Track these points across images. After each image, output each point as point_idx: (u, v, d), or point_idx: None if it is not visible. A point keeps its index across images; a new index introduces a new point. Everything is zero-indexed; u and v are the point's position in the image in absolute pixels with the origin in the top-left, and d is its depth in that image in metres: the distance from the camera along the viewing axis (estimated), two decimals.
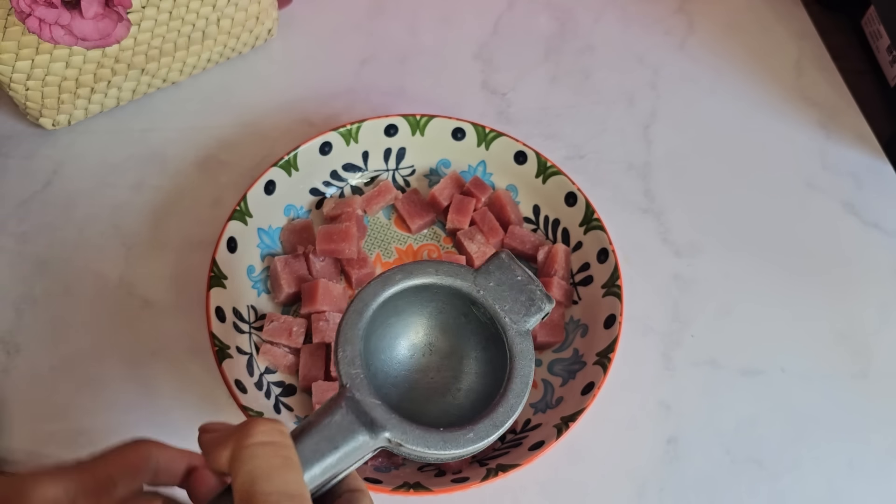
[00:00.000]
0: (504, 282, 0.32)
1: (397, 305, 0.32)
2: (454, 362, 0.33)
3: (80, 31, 0.47)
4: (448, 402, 0.32)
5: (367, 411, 0.28)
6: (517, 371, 0.31)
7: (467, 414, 0.31)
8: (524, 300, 0.32)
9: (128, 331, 0.53)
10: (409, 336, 0.33)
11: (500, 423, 0.30)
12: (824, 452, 0.51)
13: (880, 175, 0.64)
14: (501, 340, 0.32)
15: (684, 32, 0.72)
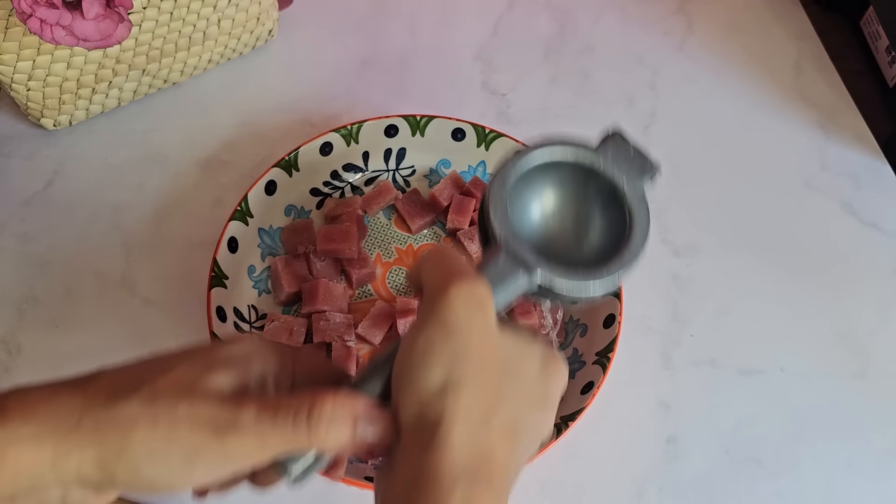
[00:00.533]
0: (619, 155, 0.38)
1: (531, 177, 0.37)
2: (578, 224, 0.38)
3: (82, 31, 0.47)
4: (574, 257, 0.37)
5: (521, 255, 0.33)
6: (637, 225, 0.36)
7: (591, 265, 0.35)
8: (637, 168, 0.38)
9: (129, 331, 0.54)
10: (538, 204, 0.38)
11: (627, 262, 0.35)
12: (823, 452, 0.51)
13: (879, 175, 0.64)
14: (619, 204, 0.37)
15: (684, 33, 0.72)
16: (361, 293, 0.56)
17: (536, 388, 0.32)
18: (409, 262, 0.57)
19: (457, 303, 0.29)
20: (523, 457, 0.32)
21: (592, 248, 0.38)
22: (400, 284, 0.56)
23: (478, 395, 0.28)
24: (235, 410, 0.28)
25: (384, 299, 0.55)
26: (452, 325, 0.29)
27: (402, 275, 0.56)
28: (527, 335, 0.33)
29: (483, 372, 0.29)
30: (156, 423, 0.27)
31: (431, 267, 0.31)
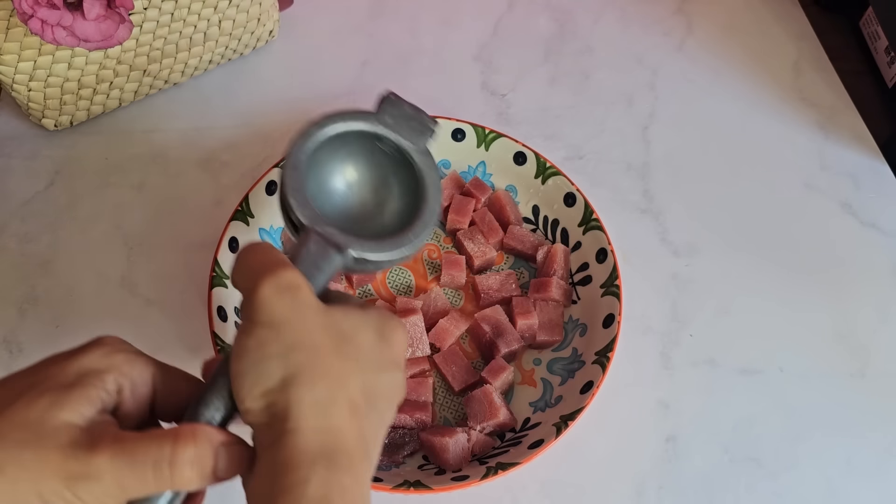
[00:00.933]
0: (398, 116, 0.40)
1: (317, 155, 0.38)
2: (376, 191, 0.40)
3: (83, 32, 0.47)
4: (378, 224, 0.39)
5: (330, 238, 0.34)
6: (428, 181, 0.38)
7: (398, 228, 0.37)
8: (417, 126, 0.39)
9: (130, 330, 0.53)
10: (333, 178, 0.39)
11: (427, 221, 0.37)
12: (822, 451, 0.51)
13: (878, 175, 0.64)
14: (408, 163, 0.39)
15: (683, 33, 0.72)
16: (361, 293, 0.56)
17: (377, 353, 0.32)
18: (409, 262, 0.57)
19: (270, 296, 0.29)
20: (381, 423, 0.32)
21: (395, 208, 0.39)
22: (400, 284, 0.56)
23: (317, 379, 0.28)
24: (88, 456, 0.26)
25: (384, 299, 0.55)
26: (273, 319, 0.29)
27: (402, 275, 0.56)
28: (356, 307, 0.33)
29: (316, 355, 0.29)
30: (1, 473, 0.26)
31: (241, 267, 0.31)
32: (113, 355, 0.30)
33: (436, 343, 0.52)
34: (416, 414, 0.49)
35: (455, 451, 0.47)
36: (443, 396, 0.52)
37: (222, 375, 0.30)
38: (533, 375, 0.52)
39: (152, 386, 0.31)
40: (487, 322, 0.52)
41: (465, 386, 0.51)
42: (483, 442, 0.48)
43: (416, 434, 0.49)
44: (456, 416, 0.51)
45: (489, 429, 0.49)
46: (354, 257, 0.34)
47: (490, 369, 0.50)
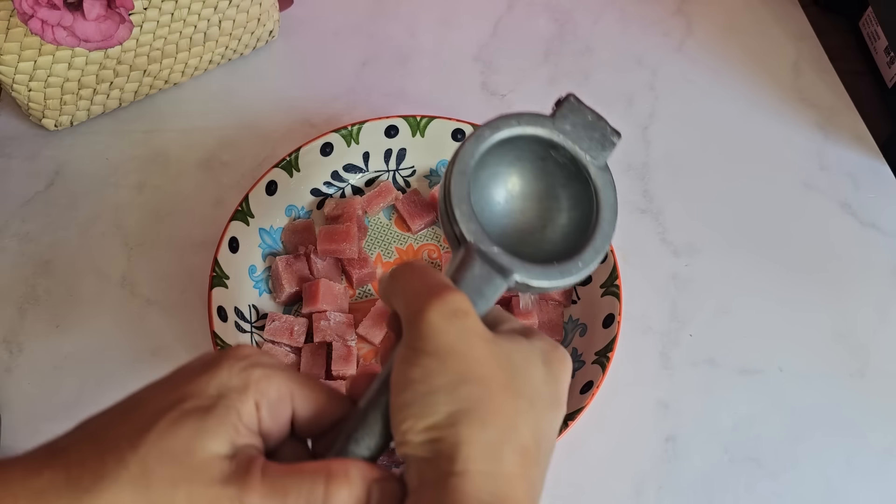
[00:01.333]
0: (578, 123, 0.35)
1: (485, 160, 0.34)
2: (540, 203, 0.36)
3: (83, 32, 0.47)
4: (539, 240, 0.36)
5: (494, 259, 0.31)
6: (604, 201, 0.35)
7: (560, 248, 0.34)
8: (598, 137, 0.36)
9: (130, 330, 0.54)
10: (498, 186, 0.36)
11: (600, 248, 0.34)
12: (822, 451, 0.51)
13: (878, 175, 0.64)
14: (582, 177, 0.35)
15: (683, 34, 0.72)
16: (362, 293, 0.56)
17: (546, 389, 0.29)
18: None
19: (440, 323, 0.27)
20: (545, 471, 0.29)
21: (561, 224, 0.36)
22: None
23: (489, 417, 0.26)
24: (240, 493, 0.25)
25: None
26: (443, 348, 0.27)
27: None
28: (520, 334, 0.30)
29: (488, 390, 0.27)
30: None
31: (402, 287, 0.29)
32: (251, 370, 0.27)
33: None
34: None
35: None
36: None
37: (376, 406, 0.28)
38: None
39: (291, 402, 0.28)
40: None
41: None
42: None
43: None
44: None
45: None
46: (517, 281, 0.31)
47: None
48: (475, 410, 0.26)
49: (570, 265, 0.33)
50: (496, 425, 0.26)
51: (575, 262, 0.33)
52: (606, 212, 0.35)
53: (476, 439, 0.25)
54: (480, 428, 0.26)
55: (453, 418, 0.26)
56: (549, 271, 0.32)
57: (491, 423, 0.26)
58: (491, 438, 0.26)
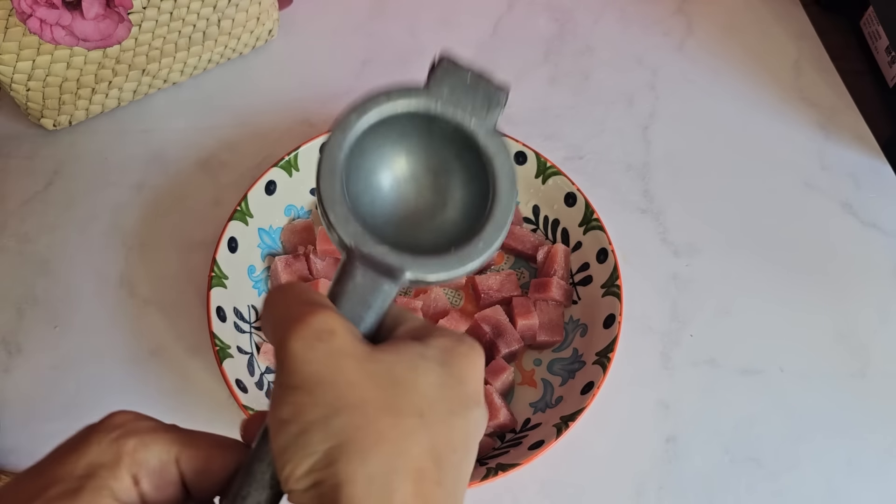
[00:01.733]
0: (456, 86, 0.31)
1: (361, 146, 0.31)
2: (433, 181, 0.33)
3: (81, 31, 0.47)
4: (440, 221, 0.32)
5: (381, 261, 0.28)
6: (499, 170, 0.31)
7: (462, 225, 0.31)
8: (481, 97, 0.31)
9: (128, 330, 0.54)
10: (382, 171, 0.33)
11: (501, 223, 0.30)
12: (823, 451, 0.51)
13: (879, 175, 0.64)
14: (473, 146, 0.31)
15: (683, 33, 0.72)
16: None
17: (444, 394, 0.26)
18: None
19: (303, 351, 0.24)
20: (460, 479, 0.26)
21: (462, 204, 0.32)
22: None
23: (369, 447, 0.23)
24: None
25: None
26: (310, 379, 0.24)
27: None
28: (415, 337, 0.27)
29: (365, 416, 0.24)
30: None
31: (270, 316, 0.26)
32: (123, 440, 0.25)
33: None
34: None
35: None
36: None
37: (261, 455, 0.26)
38: (533, 376, 0.52)
39: (178, 466, 0.26)
40: (487, 322, 0.52)
41: None
42: (483, 443, 0.48)
43: None
44: None
45: (489, 429, 0.49)
46: (411, 279, 0.28)
47: (490, 370, 0.50)
48: (353, 442, 0.23)
49: (469, 249, 0.29)
50: (379, 454, 0.23)
51: (475, 243, 0.29)
52: (503, 181, 0.30)
53: (358, 476, 0.23)
54: (361, 462, 0.23)
55: (331, 456, 0.23)
56: (446, 261, 0.29)
57: (373, 454, 0.23)
58: (375, 471, 0.23)
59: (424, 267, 0.28)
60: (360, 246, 0.28)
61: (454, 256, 0.29)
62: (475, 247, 0.29)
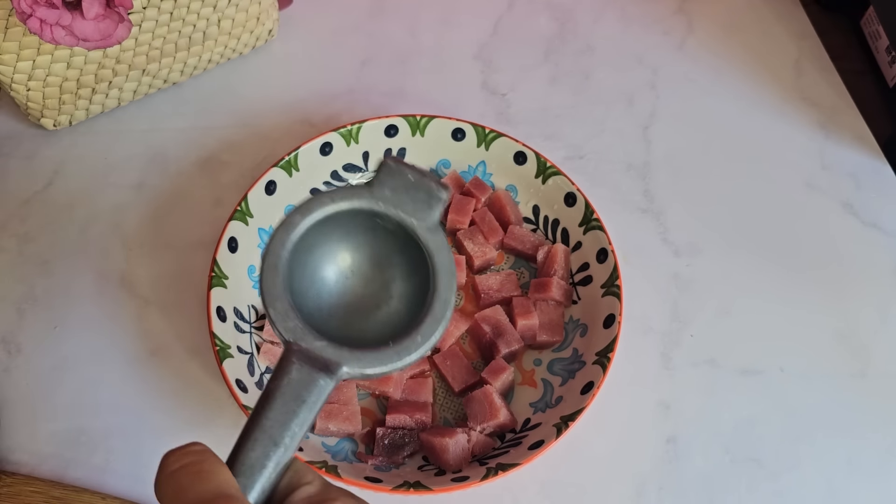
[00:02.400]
0: (398, 187, 0.33)
1: (306, 243, 0.32)
2: (377, 275, 0.34)
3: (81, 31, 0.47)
4: (385, 313, 0.34)
5: (318, 356, 0.29)
6: (438, 265, 0.32)
7: (406, 317, 0.32)
8: (423, 197, 0.33)
9: (129, 330, 0.54)
10: (326, 266, 0.34)
11: (439, 316, 0.31)
12: (823, 451, 0.51)
13: (879, 175, 0.64)
14: (414, 242, 0.33)
15: (684, 33, 0.72)
16: None
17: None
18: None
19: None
20: None
21: (405, 297, 0.34)
22: None
23: None
24: None
25: None
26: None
27: None
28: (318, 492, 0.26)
29: None
30: None
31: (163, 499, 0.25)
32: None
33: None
34: (416, 414, 0.49)
35: (455, 452, 0.47)
36: (443, 397, 0.52)
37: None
38: (533, 376, 0.52)
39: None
40: (487, 322, 0.52)
41: (465, 386, 0.51)
42: (483, 443, 0.48)
43: (416, 435, 0.49)
44: (456, 417, 0.51)
45: (489, 429, 0.49)
46: (349, 373, 0.29)
47: (490, 370, 0.50)
48: None
49: (408, 342, 0.30)
50: None
51: (414, 337, 0.30)
52: (443, 275, 0.32)
53: None
54: None
55: None
56: (384, 354, 0.30)
57: None
58: None
59: (361, 361, 0.29)
60: (297, 341, 0.29)
61: (392, 350, 0.30)
62: (413, 340, 0.30)
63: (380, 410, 0.51)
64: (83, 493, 0.47)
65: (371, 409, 0.51)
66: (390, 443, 0.48)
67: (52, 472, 0.48)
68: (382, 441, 0.48)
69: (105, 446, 0.49)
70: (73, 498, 0.47)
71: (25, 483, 0.47)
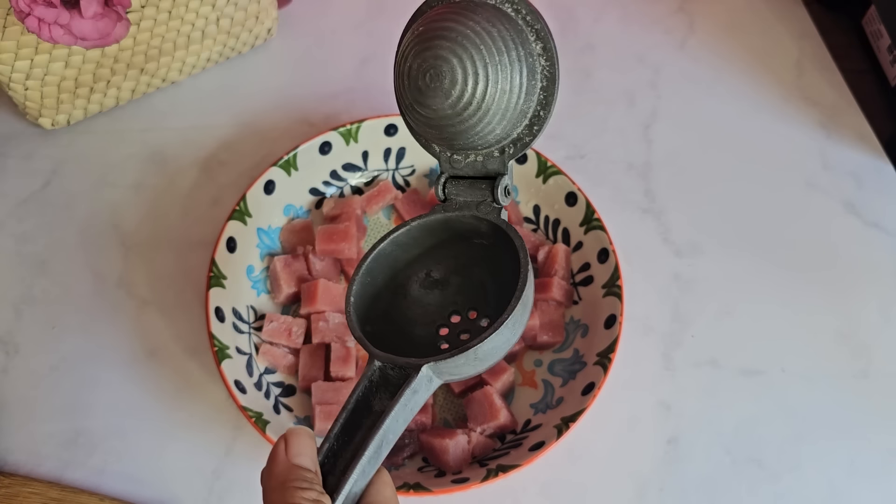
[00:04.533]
0: (461, 192, 0.36)
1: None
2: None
3: (80, 30, 0.47)
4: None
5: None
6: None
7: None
8: (484, 189, 0.36)
9: (127, 331, 0.53)
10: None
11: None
12: (825, 452, 0.51)
13: (881, 175, 0.64)
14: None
15: (685, 32, 0.72)
16: None
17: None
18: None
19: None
20: None
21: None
22: None
23: None
24: None
25: None
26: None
27: None
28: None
29: None
30: None
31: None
32: None
33: None
34: (416, 415, 0.48)
35: (455, 453, 0.47)
36: (443, 398, 0.51)
37: None
38: (534, 376, 0.52)
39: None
40: None
41: (466, 387, 0.51)
42: (483, 444, 0.48)
43: (416, 436, 0.48)
44: (456, 418, 0.51)
45: (489, 430, 0.48)
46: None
47: (491, 370, 0.50)
48: None
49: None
50: None
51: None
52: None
53: None
54: None
55: None
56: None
57: None
58: None
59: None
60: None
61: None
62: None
63: None
64: (81, 493, 0.47)
65: None
66: None
67: (50, 472, 0.48)
68: None
69: (103, 447, 0.49)
70: (71, 499, 0.46)
71: (23, 484, 0.47)
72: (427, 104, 0.33)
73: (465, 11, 0.33)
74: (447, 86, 0.32)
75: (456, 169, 0.36)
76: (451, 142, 0.34)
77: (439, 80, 0.32)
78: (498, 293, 0.35)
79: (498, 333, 0.31)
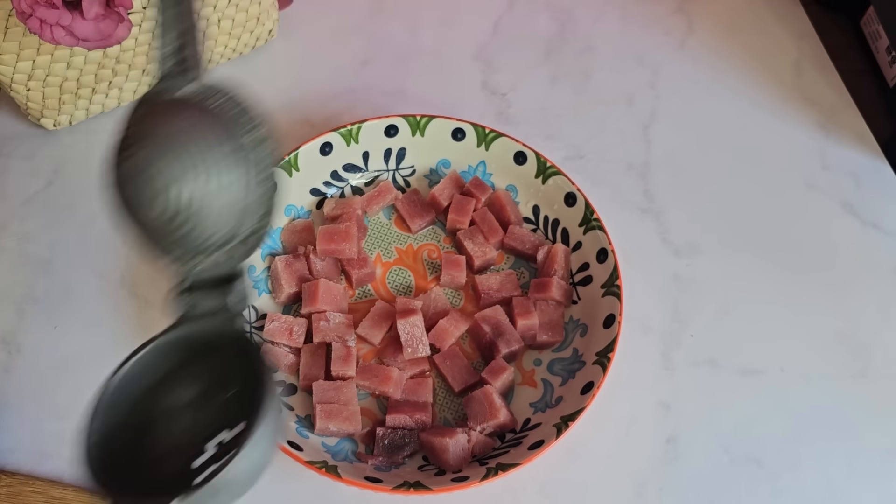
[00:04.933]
0: (199, 302, 0.34)
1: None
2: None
3: (81, 31, 0.47)
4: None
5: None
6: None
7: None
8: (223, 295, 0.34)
9: (129, 330, 0.54)
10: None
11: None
12: (823, 452, 0.51)
13: (879, 175, 0.64)
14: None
15: (684, 33, 0.72)
16: (361, 293, 0.55)
17: None
18: (409, 262, 0.57)
19: None
20: None
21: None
22: (400, 284, 0.56)
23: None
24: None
25: (384, 299, 0.55)
26: None
27: (402, 275, 0.56)
28: None
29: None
30: None
31: None
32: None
33: (436, 343, 0.52)
34: (416, 414, 0.49)
35: (455, 452, 0.47)
36: (443, 397, 0.52)
37: None
38: (533, 376, 0.52)
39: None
40: (487, 322, 0.52)
41: (465, 386, 0.51)
42: (483, 442, 0.48)
43: (416, 435, 0.49)
44: (456, 417, 0.51)
45: (489, 429, 0.49)
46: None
47: (490, 370, 0.50)
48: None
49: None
50: None
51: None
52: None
53: None
54: None
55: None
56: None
57: None
58: None
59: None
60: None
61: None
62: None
63: (380, 410, 0.51)
64: (83, 492, 0.47)
65: (371, 409, 0.51)
66: (390, 443, 0.48)
67: (52, 471, 0.48)
68: (382, 441, 0.48)
69: None
70: (73, 498, 0.47)
71: (25, 483, 0.47)
72: (136, 215, 0.32)
73: (165, 115, 0.32)
74: (149, 196, 0.31)
75: (194, 274, 0.34)
76: (180, 246, 0.33)
77: (143, 189, 0.31)
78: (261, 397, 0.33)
79: (237, 461, 0.30)
